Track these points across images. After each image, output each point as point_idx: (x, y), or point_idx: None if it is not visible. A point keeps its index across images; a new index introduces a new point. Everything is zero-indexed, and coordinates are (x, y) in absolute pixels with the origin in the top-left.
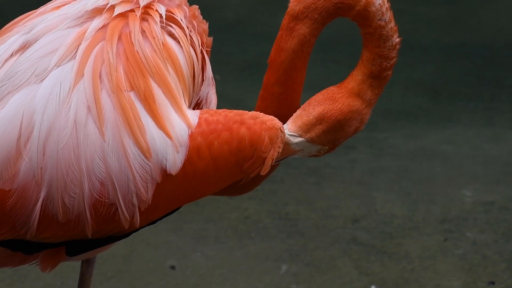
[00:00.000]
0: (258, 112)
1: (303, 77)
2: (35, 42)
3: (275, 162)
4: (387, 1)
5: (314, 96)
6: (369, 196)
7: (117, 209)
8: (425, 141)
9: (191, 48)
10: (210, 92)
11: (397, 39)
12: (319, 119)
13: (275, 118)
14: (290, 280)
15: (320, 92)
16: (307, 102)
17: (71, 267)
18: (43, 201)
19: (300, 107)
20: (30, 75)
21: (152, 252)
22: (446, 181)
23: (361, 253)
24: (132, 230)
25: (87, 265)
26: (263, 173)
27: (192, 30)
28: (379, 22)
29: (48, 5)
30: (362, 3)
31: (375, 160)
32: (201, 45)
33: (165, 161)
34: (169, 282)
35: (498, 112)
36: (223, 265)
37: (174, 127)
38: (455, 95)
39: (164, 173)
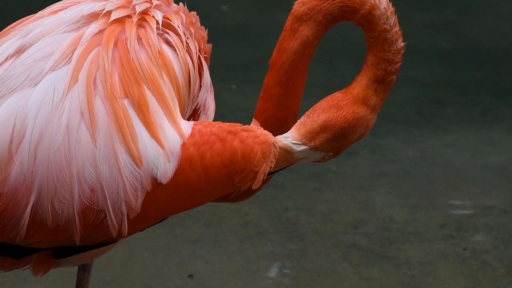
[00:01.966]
0: (252, 125)
1: (304, 80)
2: (31, 46)
3: (279, 170)
4: (392, 6)
5: (318, 103)
6: (370, 201)
7: (105, 216)
8: (425, 146)
9: (187, 56)
10: (208, 99)
11: (402, 44)
12: (324, 127)
13: (268, 132)
14: (291, 285)
15: (325, 98)
16: (311, 108)
17: (70, 272)
18: (33, 205)
19: (299, 109)
20: (24, 79)
21: (151, 257)
22: (446, 186)
23: (361, 258)
24: (121, 238)
25: (83, 271)
26: (254, 187)
27: (189, 36)
28: (384, 25)
29: (46, 10)
30: (367, 7)
31: (376, 165)
32: (199, 52)
33: (156, 170)
34: (168, 287)
35: (497, 117)
36: (223, 270)
37: (166, 137)
38: (454, 100)
39: (155, 182)
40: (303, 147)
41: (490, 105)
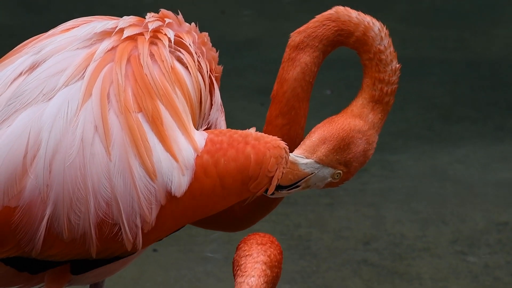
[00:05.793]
0: (262, 133)
1: (306, 109)
2: (44, 62)
3: (290, 189)
4: (386, 28)
5: (315, 126)
6: (381, 217)
7: (120, 229)
8: (436, 162)
9: (198, 74)
10: (219, 119)
11: (397, 65)
12: (322, 139)
13: (278, 138)
14: None
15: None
16: (309, 132)
17: None
18: (48, 218)
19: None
20: (38, 94)
21: (162, 274)
22: (457, 202)
23: (372, 274)
24: (136, 250)
25: None
26: (269, 192)
27: (200, 55)
28: (378, 46)
29: (58, 28)
30: (361, 29)
31: (386, 181)
32: (210, 71)
33: (170, 184)
34: None
35: (508, 132)
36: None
37: (180, 150)
38: (465, 116)
39: (169, 195)
40: (308, 160)
41: (501, 121)
